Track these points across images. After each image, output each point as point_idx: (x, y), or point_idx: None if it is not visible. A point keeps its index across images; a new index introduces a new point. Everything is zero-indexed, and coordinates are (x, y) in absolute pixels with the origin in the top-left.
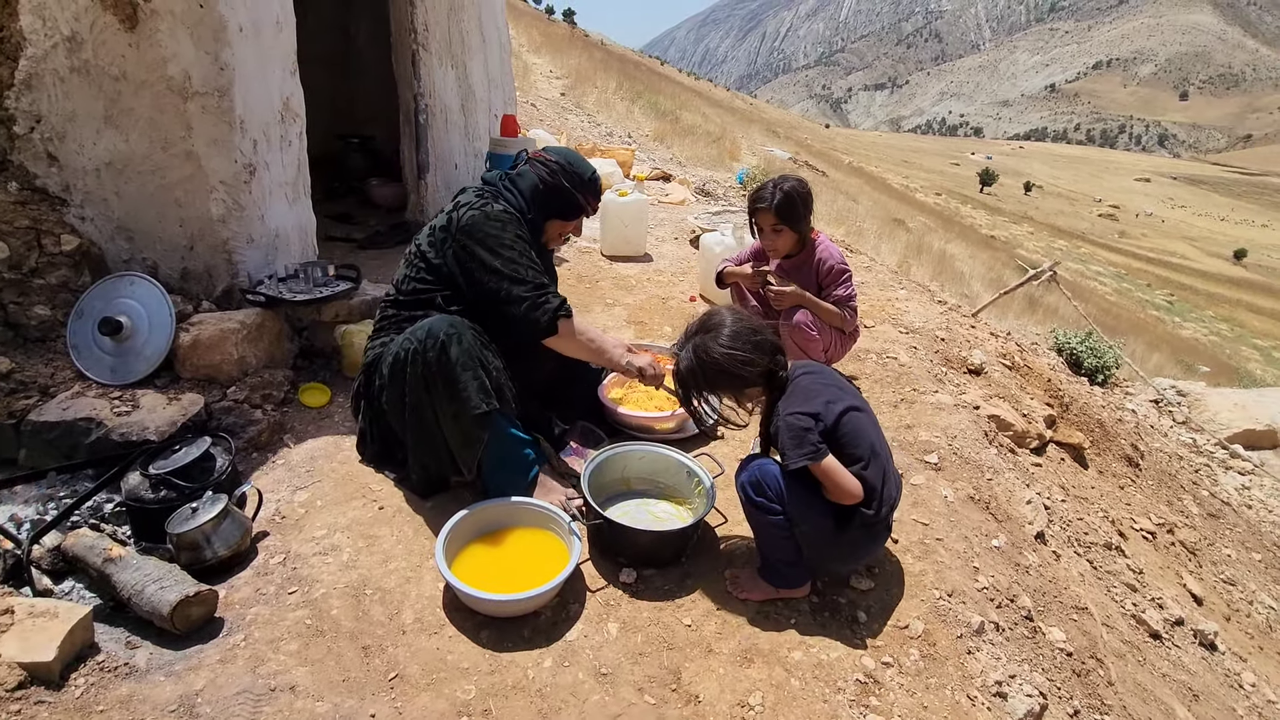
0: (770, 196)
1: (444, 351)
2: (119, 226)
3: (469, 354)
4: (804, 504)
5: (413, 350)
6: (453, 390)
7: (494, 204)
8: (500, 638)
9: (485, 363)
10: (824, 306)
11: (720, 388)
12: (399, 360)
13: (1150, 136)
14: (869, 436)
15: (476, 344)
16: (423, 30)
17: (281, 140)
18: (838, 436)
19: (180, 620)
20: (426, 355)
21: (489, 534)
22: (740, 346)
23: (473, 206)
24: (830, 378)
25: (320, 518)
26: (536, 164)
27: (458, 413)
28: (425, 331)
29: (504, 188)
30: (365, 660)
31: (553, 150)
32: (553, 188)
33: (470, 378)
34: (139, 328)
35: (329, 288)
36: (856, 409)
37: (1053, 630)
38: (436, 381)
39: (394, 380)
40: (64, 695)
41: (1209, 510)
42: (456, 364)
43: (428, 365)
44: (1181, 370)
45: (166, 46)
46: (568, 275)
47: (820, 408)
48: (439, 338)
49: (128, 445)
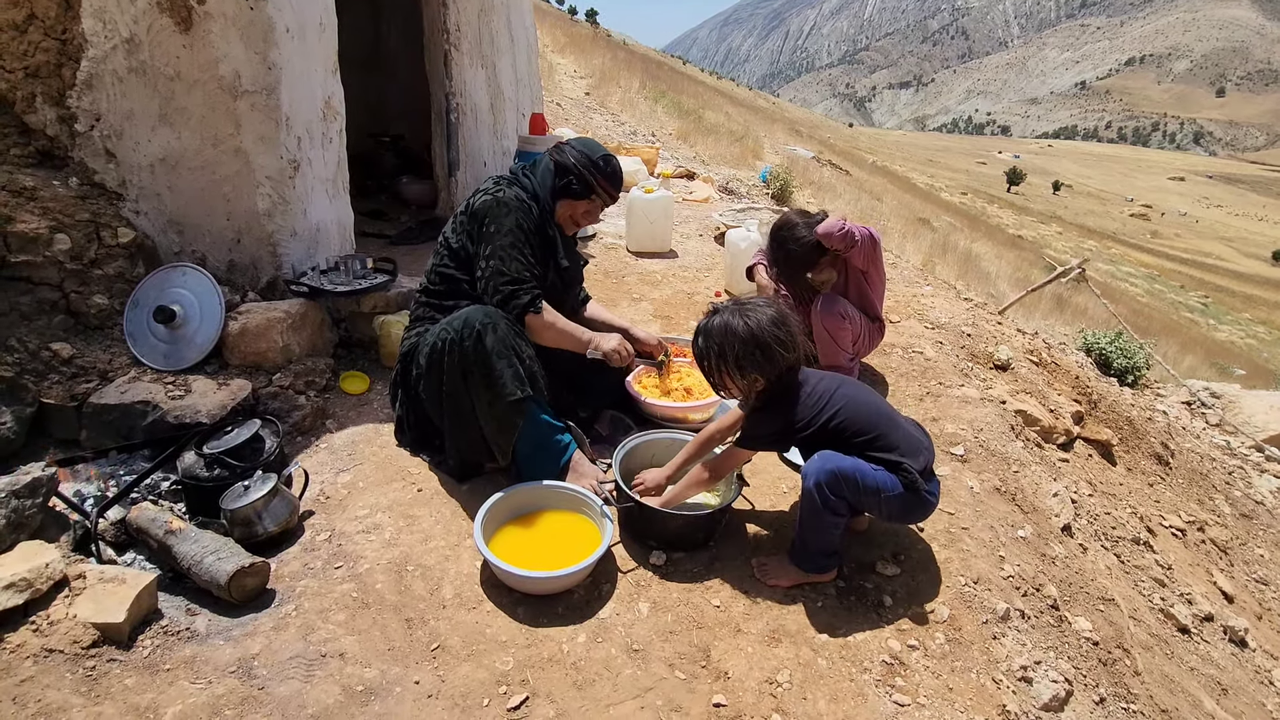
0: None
1: (480, 340)
2: (170, 220)
3: (504, 342)
4: (873, 489)
5: (450, 340)
6: (489, 378)
7: (507, 190)
8: (536, 614)
9: (519, 351)
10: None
11: (743, 361)
12: (436, 350)
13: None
14: (869, 411)
15: (510, 333)
16: (454, 30)
17: (323, 137)
18: (831, 431)
19: (236, 590)
20: (463, 344)
21: (523, 516)
22: (783, 332)
23: (488, 192)
24: (826, 379)
25: (362, 498)
26: (553, 151)
27: (493, 400)
28: (462, 321)
29: (522, 175)
30: (409, 631)
31: (572, 141)
32: (561, 166)
33: (505, 366)
34: (191, 316)
35: (368, 280)
36: (847, 400)
37: (1079, 620)
38: (473, 370)
39: (431, 369)
40: (133, 655)
41: (1242, 511)
42: (492, 353)
43: (464, 354)
44: (1215, 372)
45: (218, 47)
46: (594, 271)
47: (798, 416)
48: (475, 327)
49: (181, 427)
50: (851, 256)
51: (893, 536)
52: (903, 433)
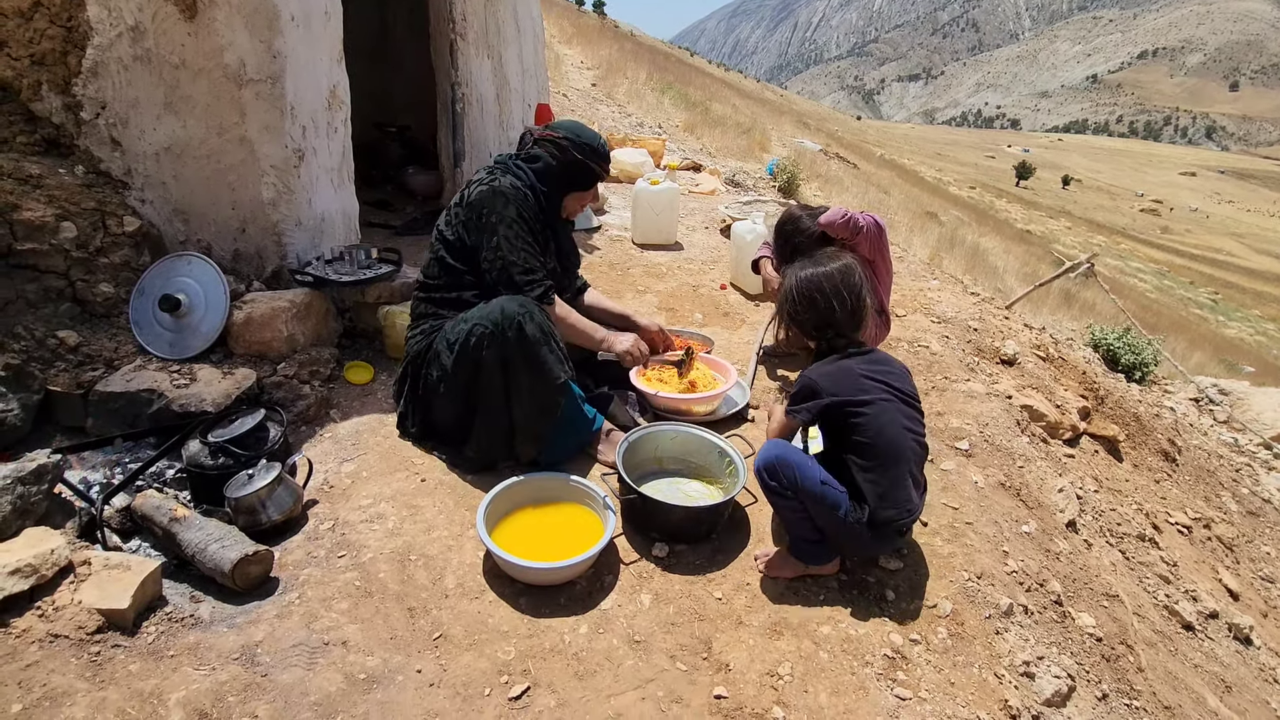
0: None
1: (521, 330)
2: (176, 209)
3: (542, 329)
4: (816, 497)
5: (488, 332)
6: (535, 365)
7: (502, 179)
8: (538, 604)
9: (554, 335)
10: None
11: (790, 310)
12: (469, 346)
13: (1197, 129)
14: (890, 444)
15: (543, 315)
16: (460, 20)
17: (328, 127)
18: (849, 423)
19: (240, 577)
20: (505, 335)
21: (526, 507)
22: (830, 286)
23: (483, 183)
24: (878, 369)
25: (366, 488)
26: (545, 142)
27: (536, 385)
28: (499, 313)
29: (514, 165)
30: (411, 620)
31: (558, 125)
32: (564, 163)
33: (548, 351)
34: (196, 305)
35: (372, 270)
36: (887, 405)
37: (1082, 616)
38: (515, 358)
39: (461, 364)
40: (138, 640)
41: (1249, 508)
42: (533, 340)
43: (505, 345)
44: (1224, 369)
45: (223, 35)
46: (599, 263)
47: (836, 388)
48: (515, 318)
49: (186, 415)
50: (858, 245)
51: None
52: (897, 487)
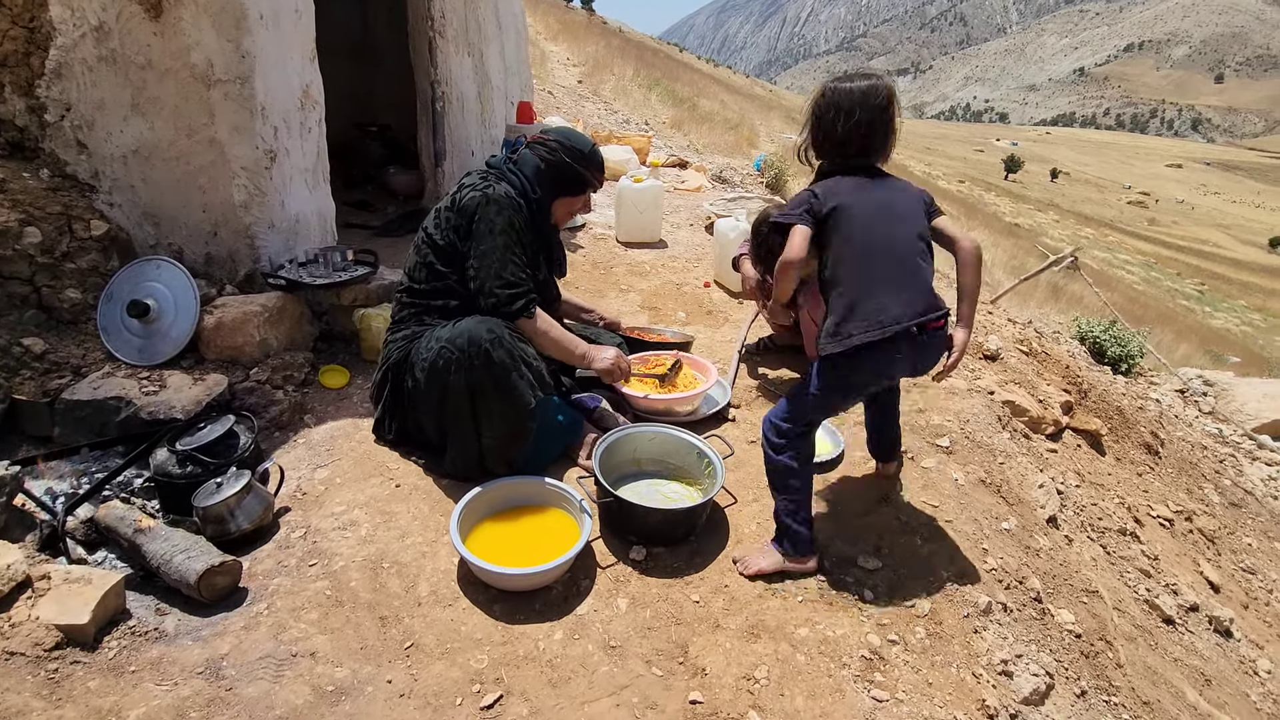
0: (759, 255)
1: (488, 357)
2: (145, 212)
3: (511, 354)
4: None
5: (455, 359)
6: (503, 391)
7: (496, 186)
8: (513, 611)
9: (525, 357)
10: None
11: (817, 129)
12: (438, 368)
13: (1183, 121)
14: (864, 246)
15: (512, 340)
16: (439, 18)
17: (301, 127)
18: (831, 233)
19: (206, 589)
20: (472, 362)
21: (501, 512)
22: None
23: (475, 188)
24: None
25: (339, 494)
26: (536, 146)
27: (505, 411)
28: (465, 339)
29: (508, 170)
30: (382, 630)
31: (551, 130)
32: (555, 166)
33: (517, 378)
34: (165, 310)
35: (348, 272)
36: (867, 208)
37: (1062, 612)
38: (483, 385)
39: (431, 386)
40: (98, 656)
41: (1231, 499)
42: (501, 365)
43: (472, 371)
44: (1210, 360)
45: (190, 35)
46: (583, 262)
47: (827, 192)
48: (481, 344)
49: (155, 423)
50: None
51: (875, 530)
52: (867, 296)
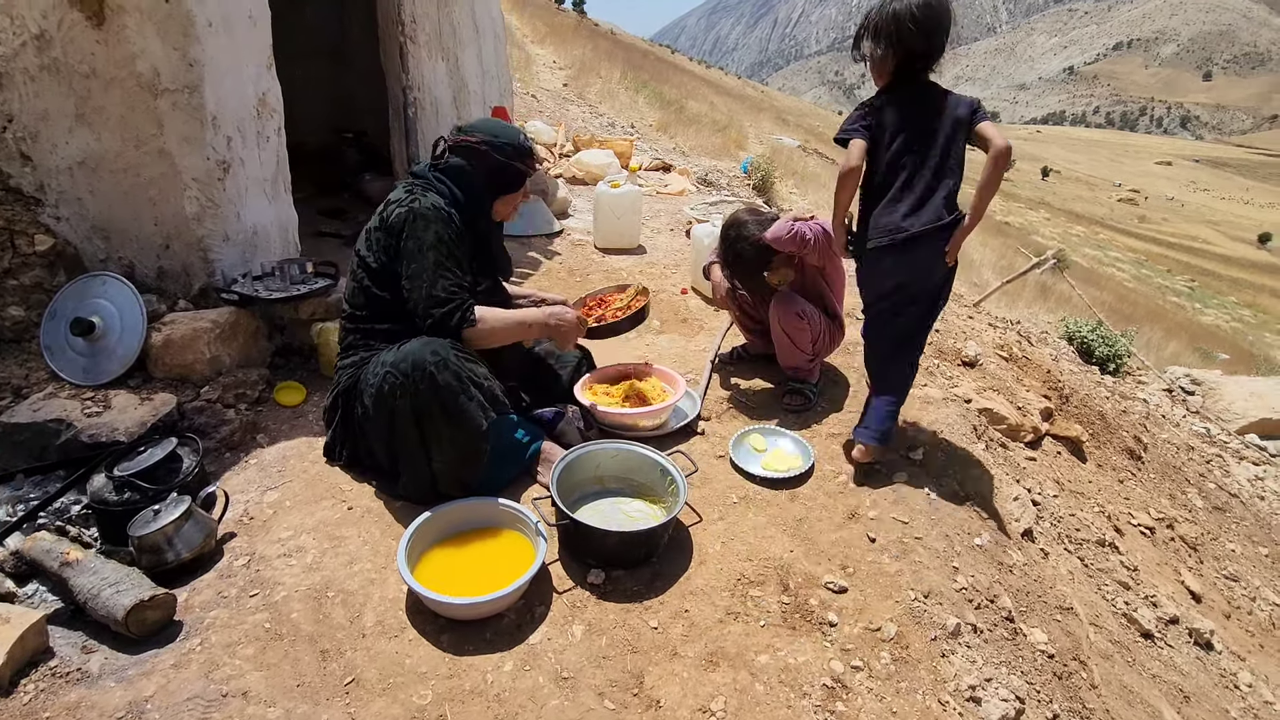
0: (727, 261)
1: (433, 381)
2: (94, 226)
3: (457, 376)
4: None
5: (399, 384)
6: (451, 415)
7: (422, 199)
8: (462, 641)
9: (474, 377)
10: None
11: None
12: (383, 393)
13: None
14: (889, 166)
15: (459, 361)
16: (410, 22)
17: (258, 136)
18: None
19: (135, 624)
20: (417, 387)
21: (454, 536)
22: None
23: (401, 204)
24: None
25: (288, 518)
26: (461, 149)
27: (455, 435)
28: (410, 364)
29: (434, 179)
30: (323, 664)
31: (472, 127)
32: (485, 167)
33: (466, 400)
34: (111, 328)
35: (306, 285)
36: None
37: (1034, 631)
38: (430, 410)
39: (379, 412)
40: (11, 702)
41: (1215, 503)
42: (448, 389)
43: (418, 396)
44: (1199, 358)
45: (134, 43)
46: (559, 268)
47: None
48: (426, 368)
49: (97, 446)
50: (806, 257)
51: (843, 548)
52: (884, 214)
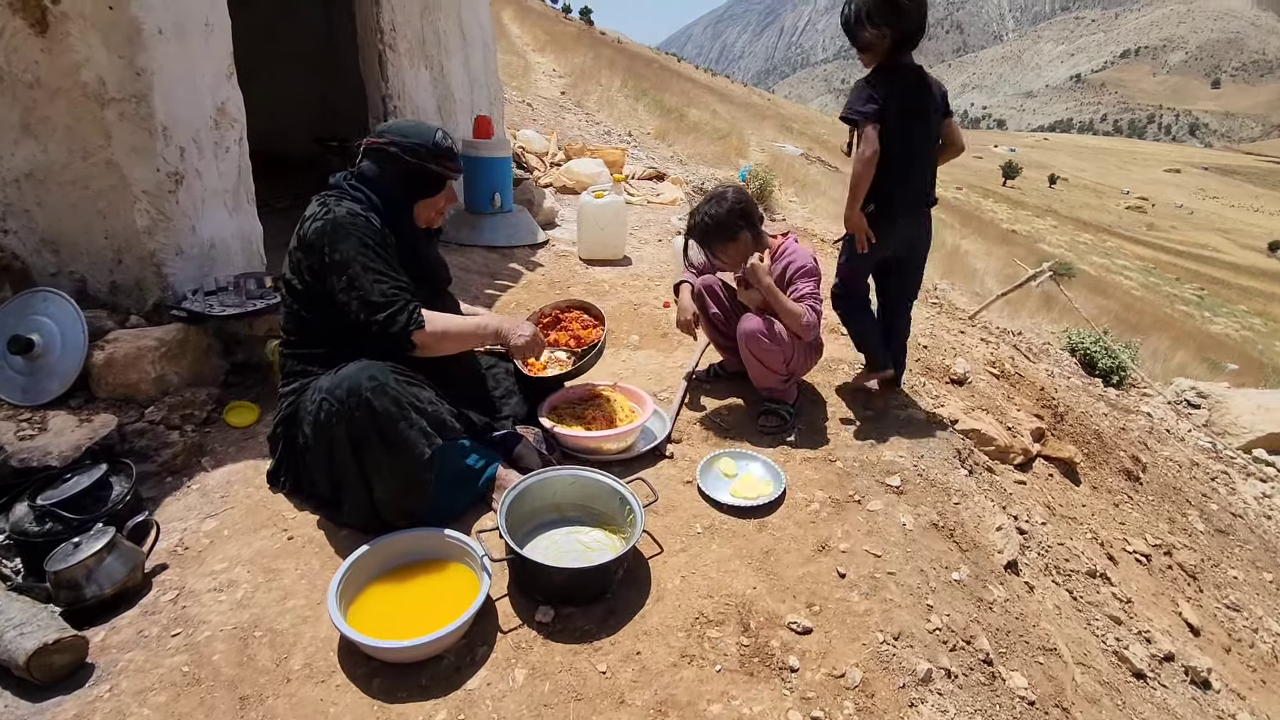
0: (693, 228)
1: (370, 407)
2: (43, 239)
3: (397, 402)
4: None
5: (335, 411)
6: (390, 443)
7: (337, 209)
8: (394, 686)
9: (417, 402)
10: (785, 305)
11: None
12: (320, 421)
13: (1180, 126)
14: (897, 157)
15: (399, 385)
16: (389, 30)
17: (217, 147)
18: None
19: (39, 670)
20: (353, 414)
21: (395, 570)
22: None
23: (316, 218)
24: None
25: (224, 549)
26: (370, 153)
27: (395, 464)
28: (345, 389)
29: (349, 187)
30: (240, 713)
31: (384, 129)
32: (399, 170)
33: (406, 428)
34: (51, 346)
35: (263, 300)
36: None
37: (1014, 675)
38: (368, 438)
39: (318, 440)
40: None
41: (1218, 525)
42: (386, 415)
43: (354, 424)
44: (1207, 369)
45: (79, 51)
46: (540, 280)
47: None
48: (361, 394)
49: (27, 471)
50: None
51: (810, 584)
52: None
